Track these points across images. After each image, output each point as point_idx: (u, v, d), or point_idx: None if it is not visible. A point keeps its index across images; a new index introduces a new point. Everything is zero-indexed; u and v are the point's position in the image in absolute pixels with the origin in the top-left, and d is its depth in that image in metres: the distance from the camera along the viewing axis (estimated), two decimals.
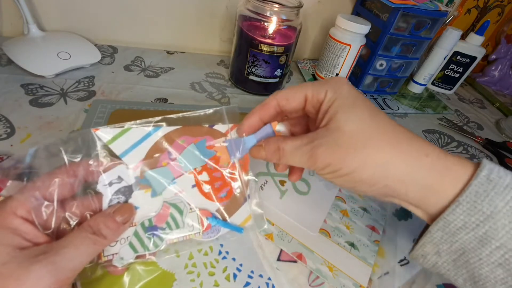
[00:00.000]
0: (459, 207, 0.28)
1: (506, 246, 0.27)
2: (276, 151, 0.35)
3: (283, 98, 0.36)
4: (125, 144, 0.36)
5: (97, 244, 0.31)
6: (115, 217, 0.33)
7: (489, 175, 0.28)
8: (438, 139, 0.79)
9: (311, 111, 0.35)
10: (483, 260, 0.28)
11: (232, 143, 0.40)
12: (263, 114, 0.37)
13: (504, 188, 0.28)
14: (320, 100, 0.34)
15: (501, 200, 0.27)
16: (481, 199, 0.28)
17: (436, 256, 0.31)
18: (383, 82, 0.88)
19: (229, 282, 0.39)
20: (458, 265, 0.30)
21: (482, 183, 0.28)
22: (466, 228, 0.28)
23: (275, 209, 0.47)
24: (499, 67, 1.11)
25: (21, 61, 0.63)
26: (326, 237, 0.46)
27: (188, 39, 0.88)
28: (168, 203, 0.38)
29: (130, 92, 0.67)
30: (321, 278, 0.41)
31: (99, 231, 0.31)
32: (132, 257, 0.36)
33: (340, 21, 0.75)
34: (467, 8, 0.98)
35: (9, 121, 0.54)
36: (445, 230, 0.29)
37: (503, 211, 0.27)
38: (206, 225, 0.40)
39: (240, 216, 0.42)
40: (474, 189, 0.28)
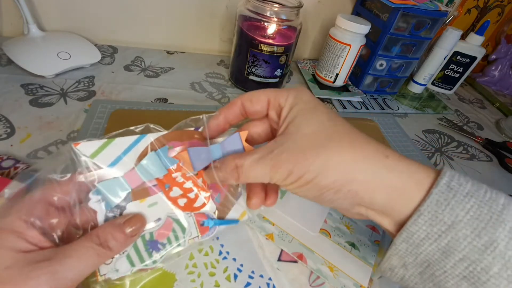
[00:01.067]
0: (420, 217, 0.27)
1: (469, 258, 0.26)
2: (234, 170, 0.33)
3: (247, 99, 0.36)
4: (111, 156, 0.34)
5: (101, 256, 0.30)
6: (125, 228, 0.32)
7: (449, 182, 0.28)
8: (438, 139, 0.79)
9: (273, 118, 0.35)
10: (448, 273, 0.27)
11: (196, 152, 0.37)
12: (228, 114, 0.36)
13: (464, 196, 0.27)
14: (282, 105, 0.33)
15: (462, 209, 0.26)
16: (442, 208, 0.27)
17: (403, 269, 0.30)
18: (383, 82, 0.88)
19: (229, 282, 0.39)
20: (424, 278, 0.29)
21: (442, 192, 0.27)
22: (429, 239, 0.27)
23: (276, 209, 0.47)
24: (499, 67, 1.11)
25: (21, 61, 0.63)
26: (327, 237, 0.46)
27: (188, 39, 0.89)
28: (172, 218, 0.37)
29: (130, 92, 0.67)
30: (321, 278, 0.41)
31: (105, 242, 0.30)
32: (128, 271, 0.34)
33: (340, 21, 0.75)
34: (467, 8, 0.98)
35: (9, 121, 0.54)
36: (409, 242, 0.28)
37: (464, 221, 0.26)
38: (203, 228, 0.39)
39: (237, 211, 0.42)
40: (434, 198, 0.27)
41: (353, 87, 0.88)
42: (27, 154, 0.49)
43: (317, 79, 0.87)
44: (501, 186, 0.69)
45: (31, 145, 0.51)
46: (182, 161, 0.36)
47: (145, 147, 0.36)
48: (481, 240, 0.26)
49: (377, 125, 0.76)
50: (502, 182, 0.70)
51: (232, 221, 0.41)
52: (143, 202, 0.35)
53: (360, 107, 0.81)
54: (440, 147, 0.76)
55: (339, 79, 0.83)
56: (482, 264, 0.26)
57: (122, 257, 0.34)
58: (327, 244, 0.45)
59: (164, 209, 0.37)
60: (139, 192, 0.35)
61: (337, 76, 0.82)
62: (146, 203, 0.35)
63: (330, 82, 0.84)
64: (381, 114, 0.82)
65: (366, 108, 0.82)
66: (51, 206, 0.31)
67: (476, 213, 0.26)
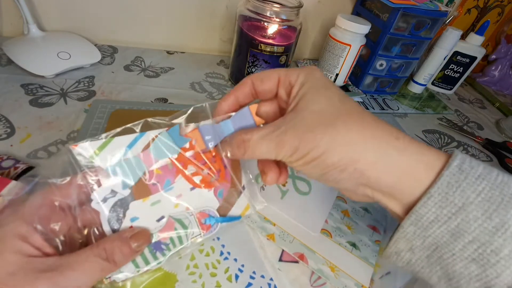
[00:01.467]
0: (430, 199, 0.27)
1: (479, 240, 0.26)
2: (241, 144, 0.33)
3: (257, 78, 0.35)
4: (111, 155, 0.34)
5: (104, 271, 0.31)
6: (131, 242, 0.32)
7: (461, 165, 0.27)
8: (438, 139, 0.79)
9: (282, 96, 0.35)
10: (456, 256, 0.27)
11: (207, 129, 0.37)
12: (238, 94, 0.36)
13: (476, 178, 0.27)
14: (292, 83, 0.33)
15: (473, 191, 0.26)
16: (452, 190, 0.26)
17: (410, 253, 0.30)
18: (383, 82, 0.88)
19: (231, 283, 0.39)
20: (431, 261, 0.29)
21: (454, 174, 0.27)
22: (438, 221, 0.27)
23: (276, 210, 0.47)
24: (499, 67, 1.11)
25: (21, 61, 0.63)
26: (328, 237, 0.46)
27: (188, 39, 0.88)
28: (174, 218, 0.37)
29: (130, 92, 0.67)
30: (323, 278, 0.41)
31: (112, 256, 0.31)
32: (133, 272, 0.35)
33: (340, 21, 0.75)
34: (467, 8, 0.98)
35: (9, 121, 0.54)
36: (417, 225, 0.28)
37: (475, 203, 0.26)
38: (206, 226, 0.39)
39: (239, 207, 0.42)
40: (445, 180, 0.27)
41: (353, 87, 0.88)
42: (27, 154, 0.49)
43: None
44: None
45: (31, 145, 0.51)
46: (194, 139, 0.36)
47: (145, 145, 0.35)
48: (492, 222, 0.25)
49: None
50: None
51: (234, 218, 0.41)
52: (146, 201, 0.35)
53: None
54: (440, 147, 0.76)
55: (339, 79, 0.83)
56: (493, 246, 0.25)
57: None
58: (328, 244, 0.45)
59: (167, 208, 0.37)
60: (141, 190, 0.35)
61: (337, 76, 0.82)
62: (149, 202, 0.36)
63: None
64: (381, 114, 0.81)
65: (366, 108, 0.82)
66: (53, 211, 0.31)
67: (488, 195, 0.26)
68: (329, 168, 0.30)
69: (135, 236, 0.33)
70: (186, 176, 0.37)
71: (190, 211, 0.38)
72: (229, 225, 0.41)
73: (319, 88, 0.32)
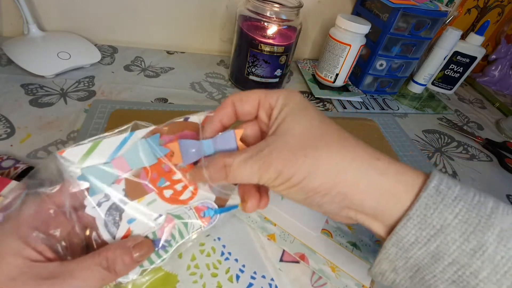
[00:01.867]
0: (409, 221, 0.27)
1: (458, 262, 0.26)
2: (222, 169, 0.32)
3: (237, 99, 0.35)
4: (100, 159, 0.33)
5: (105, 280, 0.30)
6: (134, 252, 0.32)
7: (438, 186, 0.27)
8: (438, 139, 0.79)
9: (262, 119, 0.34)
10: (437, 277, 0.27)
11: (187, 144, 0.35)
12: (221, 116, 0.35)
13: (453, 200, 0.27)
14: (272, 105, 0.33)
15: (450, 213, 0.26)
16: (430, 212, 0.26)
17: (394, 273, 0.30)
18: (383, 82, 0.88)
19: (232, 283, 0.39)
20: (415, 282, 0.29)
21: (431, 195, 0.27)
22: (418, 243, 0.27)
23: (277, 210, 0.47)
24: (499, 67, 1.11)
25: (21, 61, 0.63)
26: (328, 237, 0.46)
27: (188, 39, 0.88)
28: (172, 215, 0.36)
29: (130, 92, 0.67)
30: (323, 278, 0.41)
31: (113, 265, 0.30)
32: (138, 273, 0.34)
33: (340, 21, 0.75)
34: (467, 8, 0.98)
35: (9, 121, 0.54)
36: (398, 246, 0.28)
37: (452, 225, 0.26)
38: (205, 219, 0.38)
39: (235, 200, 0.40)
40: (423, 202, 0.27)
41: (353, 87, 0.88)
42: (27, 154, 0.49)
43: (317, 79, 0.87)
44: (501, 186, 0.69)
45: (31, 145, 0.51)
46: (172, 151, 0.35)
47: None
48: (470, 244, 0.26)
49: (377, 125, 0.76)
50: (502, 182, 0.70)
51: (232, 207, 0.40)
52: (141, 201, 0.35)
53: (360, 107, 0.81)
54: (440, 147, 0.76)
55: (339, 79, 0.83)
56: (471, 268, 0.25)
57: None
58: (328, 244, 0.45)
59: (164, 206, 0.36)
60: (135, 191, 0.34)
61: (337, 76, 0.82)
62: (145, 202, 0.35)
63: (330, 82, 0.84)
64: (381, 114, 0.81)
65: (366, 108, 0.82)
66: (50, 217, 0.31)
67: (465, 216, 0.26)
68: (311, 192, 0.29)
69: (137, 245, 0.33)
70: (157, 188, 0.36)
71: (188, 205, 0.37)
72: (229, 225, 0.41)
73: (300, 110, 0.32)
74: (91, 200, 0.32)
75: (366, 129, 0.73)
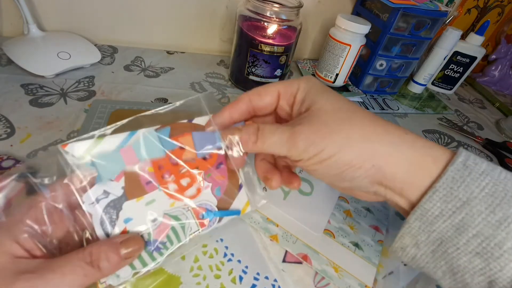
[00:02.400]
0: (435, 193, 0.28)
1: (483, 234, 0.26)
2: (254, 132, 0.33)
3: (255, 93, 0.36)
4: (101, 155, 0.33)
5: (88, 277, 0.28)
6: (121, 248, 0.30)
7: (465, 161, 0.28)
8: (438, 139, 0.79)
9: (284, 108, 0.35)
10: (461, 250, 0.27)
11: (200, 136, 0.36)
12: (233, 112, 0.36)
13: (480, 174, 0.27)
14: (293, 92, 0.34)
15: (477, 186, 0.27)
16: (457, 185, 0.27)
17: (415, 248, 0.30)
18: (383, 82, 0.88)
19: (235, 284, 0.38)
20: (436, 256, 0.29)
21: (458, 169, 0.28)
22: (443, 216, 0.27)
23: (279, 210, 0.47)
24: (499, 67, 1.11)
25: (21, 61, 0.62)
26: (331, 238, 0.46)
27: (188, 39, 0.88)
28: (169, 215, 0.35)
29: (130, 92, 0.67)
30: (326, 279, 0.41)
31: (97, 261, 0.29)
32: (130, 275, 0.33)
33: (340, 21, 0.75)
34: (467, 8, 0.98)
35: (9, 121, 0.53)
36: (422, 220, 0.29)
37: (479, 197, 0.26)
38: (203, 221, 0.37)
39: (239, 202, 0.40)
40: (450, 175, 0.27)
41: (353, 87, 0.88)
42: (27, 154, 0.49)
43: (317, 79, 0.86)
44: None
45: (31, 145, 0.50)
46: (185, 144, 0.35)
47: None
48: (496, 216, 0.26)
49: None
50: None
51: (233, 212, 0.39)
52: (140, 200, 0.34)
53: None
54: None
55: (339, 79, 0.83)
56: (496, 239, 0.26)
57: None
58: (331, 245, 0.45)
59: (162, 207, 0.35)
60: (134, 190, 0.34)
61: (337, 76, 0.82)
62: (144, 201, 0.34)
63: (330, 82, 0.84)
64: (381, 114, 0.81)
65: (366, 108, 0.82)
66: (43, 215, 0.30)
67: (491, 190, 0.27)
68: (346, 166, 0.30)
69: (125, 241, 0.31)
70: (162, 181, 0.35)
71: (187, 206, 0.36)
72: (232, 226, 0.41)
73: (325, 92, 0.33)
74: (91, 194, 0.32)
75: None
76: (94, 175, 0.32)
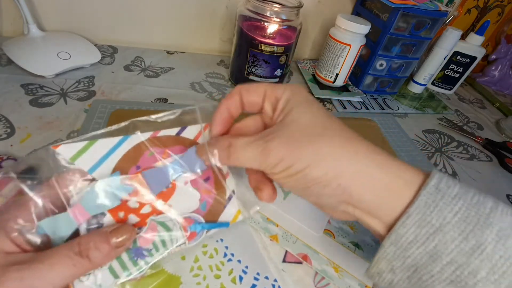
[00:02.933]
0: (409, 218, 0.27)
1: (456, 262, 0.25)
2: (227, 148, 0.33)
3: (244, 88, 0.35)
4: (93, 158, 0.32)
5: (77, 267, 0.28)
6: (111, 238, 0.30)
7: (438, 184, 0.27)
8: (438, 139, 0.79)
9: (267, 111, 0.35)
10: (435, 277, 0.26)
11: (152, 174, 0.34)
12: (229, 105, 0.36)
13: (452, 198, 0.27)
14: (278, 97, 0.34)
15: (449, 211, 0.26)
16: (430, 210, 0.26)
17: (391, 273, 0.29)
18: (383, 82, 0.88)
19: (235, 284, 0.38)
20: (412, 283, 0.28)
21: (431, 193, 0.27)
22: (417, 242, 0.27)
23: (279, 210, 0.47)
24: (499, 67, 1.11)
25: (21, 61, 0.63)
26: (331, 238, 0.46)
27: (188, 39, 0.88)
28: (156, 221, 0.34)
29: (130, 92, 0.67)
30: (326, 279, 0.41)
31: (86, 250, 0.28)
32: (112, 283, 0.31)
33: (340, 21, 0.75)
34: (467, 8, 0.98)
35: (9, 121, 0.54)
36: (397, 245, 0.28)
37: (451, 223, 0.26)
38: (190, 234, 0.36)
39: (229, 214, 0.39)
40: (423, 199, 0.27)
41: (353, 87, 0.88)
42: (27, 154, 0.49)
43: (317, 79, 0.87)
44: (501, 186, 0.69)
45: (31, 145, 0.50)
46: (138, 185, 0.33)
47: (128, 149, 0.34)
48: (469, 243, 0.25)
49: (377, 125, 0.76)
50: (502, 182, 0.70)
51: (222, 224, 0.38)
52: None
53: (360, 107, 0.81)
54: (440, 147, 0.76)
55: (339, 79, 0.83)
56: (470, 267, 0.25)
57: (104, 270, 0.31)
58: (331, 245, 0.45)
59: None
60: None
61: (337, 76, 0.82)
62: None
63: (330, 82, 0.84)
64: (381, 114, 0.81)
65: (366, 108, 0.82)
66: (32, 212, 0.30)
67: (464, 215, 0.26)
68: (312, 182, 0.30)
69: (116, 230, 0.30)
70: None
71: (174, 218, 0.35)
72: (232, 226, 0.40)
73: (305, 103, 0.33)
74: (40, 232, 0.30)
75: (366, 129, 0.73)
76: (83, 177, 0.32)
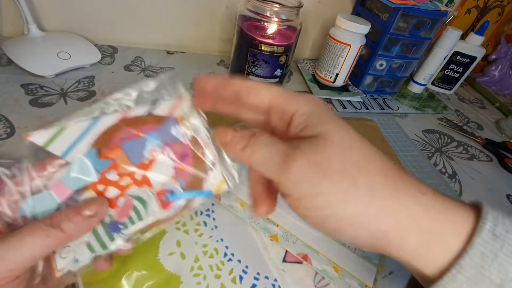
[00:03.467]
0: (461, 272, 0.22)
1: None
2: (249, 137, 0.26)
3: (246, 86, 0.28)
4: (65, 142, 0.31)
5: (51, 237, 0.27)
6: (82, 210, 0.29)
7: (494, 228, 0.22)
8: (438, 139, 0.79)
9: (277, 125, 0.28)
10: None
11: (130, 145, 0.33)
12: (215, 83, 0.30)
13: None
14: (291, 113, 0.26)
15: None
16: (488, 263, 0.21)
17: None
18: (383, 82, 0.88)
19: (235, 284, 0.39)
20: None
21: (487, 241, 0.22)
22: None
23: (279, 210, 0.47)
24: (499, 67, 1.11)
25: (21, 61, 0.63)
26: (331, 238, 0.46)
27: (188, 39, 0.88)
28: (131, 196, 0.33)
29: None
30: (327, 278, 0.41)
31: (57, 222, 0.27)
32: (89, 258, 0.31)
33: (340, 21, 0.75)
34: (467, 8, 0.98)
35: (9, 121, 0.53)
36: None
37: None
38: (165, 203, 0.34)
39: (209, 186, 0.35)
40: (478, 249, 0.22)
41: (353, 87, 0.88)
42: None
43: (317, 79, 0.87)
44: (501, 186, 0.69)
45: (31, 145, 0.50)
46: (117, 159, 0.33)
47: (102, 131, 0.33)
48: None
49: (377, 125, 0.76)
50: (502, 182, 0.70)
51: (202, 192, 0.35)
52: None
53: (360, 107, 0.81)
54: (440, 147, 0.76)
55: (339, 79, 0.83)
56: None
57: (82, 245, 0.31)
58: (331, 245, 0.45)
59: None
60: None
61: (337, 76, 0.82)
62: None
63: (330, 82, 0.84)
64: (381, 114, 0.81)
65: (366, 108, 0.82)
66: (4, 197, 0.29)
67: None
68: (343, 223, 0.24)
69: (87, 203, 0.29)
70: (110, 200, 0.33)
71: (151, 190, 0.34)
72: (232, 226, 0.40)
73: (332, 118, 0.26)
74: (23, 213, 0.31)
75: (366, 129, 0.73)
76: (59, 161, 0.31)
